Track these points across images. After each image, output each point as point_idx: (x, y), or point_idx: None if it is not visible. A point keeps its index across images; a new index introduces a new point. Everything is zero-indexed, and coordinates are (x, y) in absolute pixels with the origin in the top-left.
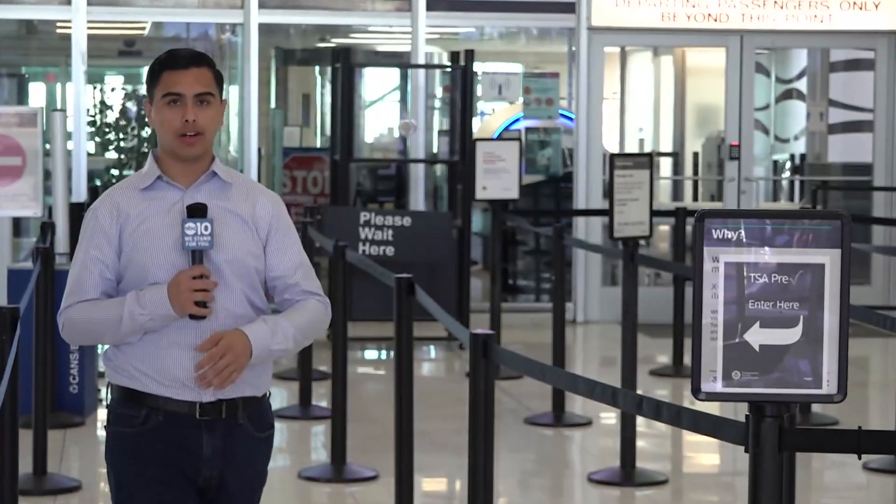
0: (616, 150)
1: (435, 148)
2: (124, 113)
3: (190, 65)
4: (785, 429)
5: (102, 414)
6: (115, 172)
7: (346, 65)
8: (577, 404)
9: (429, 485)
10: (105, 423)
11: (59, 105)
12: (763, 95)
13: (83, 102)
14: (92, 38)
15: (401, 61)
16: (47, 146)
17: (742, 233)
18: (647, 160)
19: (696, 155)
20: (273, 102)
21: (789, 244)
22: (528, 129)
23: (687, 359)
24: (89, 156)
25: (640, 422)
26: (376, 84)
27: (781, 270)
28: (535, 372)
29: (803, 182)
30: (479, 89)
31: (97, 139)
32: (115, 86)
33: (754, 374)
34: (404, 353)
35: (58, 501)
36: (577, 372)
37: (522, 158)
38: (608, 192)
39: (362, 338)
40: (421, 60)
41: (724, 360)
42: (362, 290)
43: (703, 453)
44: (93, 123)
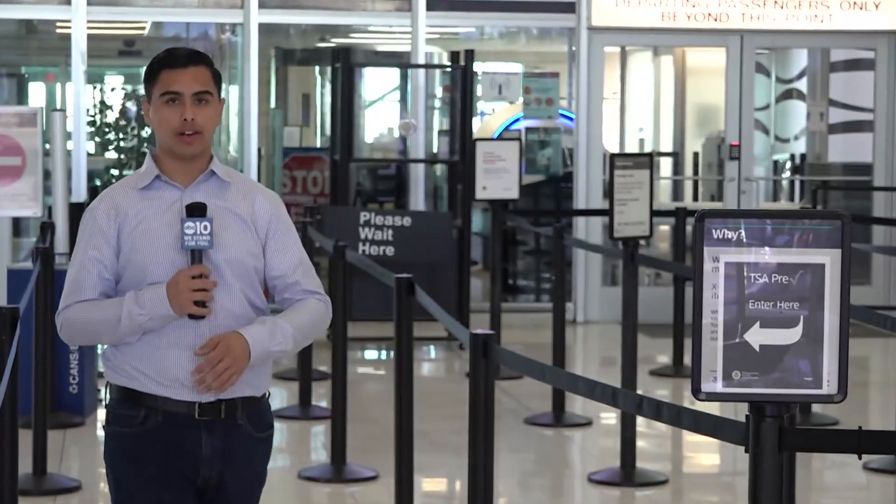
0: (616, 150)
1: (435, 148)
2: (124, 113)
3: (188, 63)
4: (785, 429)
5: (102, 414)
6: (114, 172)
7: (346, 65)
8: (577, 404)
9: (429, 485)
10: (104, 423)
11: (58, 105)
12: (763, 95)
13: (83, 102)
14: (92, 38)
15: (401, 61)
16: (47, 146)
17: (742, 233)
18: (647, 160)
19: (696, 155)
20: (273, 102)
21: (789, 244)
22: (528, 129)
23: (687, 359)
24: (89, 156)
25: (641, 422)
26: (376, 84)
27: (782, 270)
28: (536, 372)
29: (803, 182)
30: (479, 89)
31: (97, 139)
32: (114, 86)
33: (754, 374)
34: (404, 354)
35: (58, 501)
36: (577, 372)
37: (522, 158)
38: (608, 192)
39: (362, 338)
40: (421, 60)
41: (724, 360)
42: (362, 290)
43: (704, 453)
44: (92, 123)
